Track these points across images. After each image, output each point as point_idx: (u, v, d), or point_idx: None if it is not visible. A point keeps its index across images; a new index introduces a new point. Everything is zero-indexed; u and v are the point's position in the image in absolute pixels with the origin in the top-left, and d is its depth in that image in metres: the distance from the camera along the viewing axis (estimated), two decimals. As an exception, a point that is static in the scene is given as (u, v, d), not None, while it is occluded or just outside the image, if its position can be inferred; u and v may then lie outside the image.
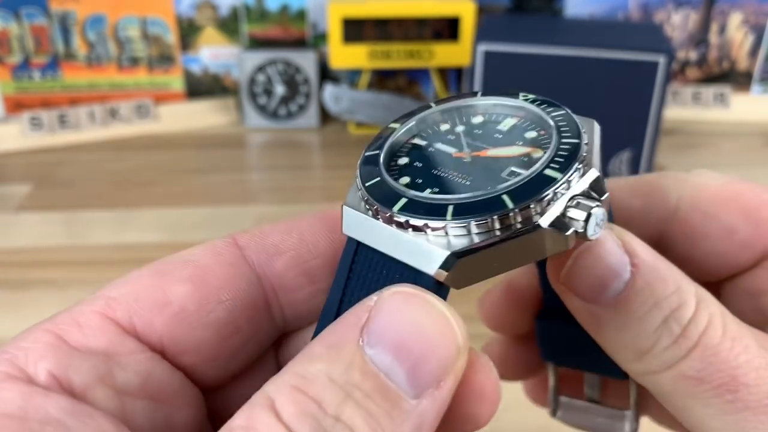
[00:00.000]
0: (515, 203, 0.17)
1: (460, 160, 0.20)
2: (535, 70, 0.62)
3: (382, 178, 0.20)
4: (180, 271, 0.20)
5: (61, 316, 0.19)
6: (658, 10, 0.85)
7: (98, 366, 0.18)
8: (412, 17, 0.78)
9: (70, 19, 0.81)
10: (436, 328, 0.16)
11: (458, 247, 0.17)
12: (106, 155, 0.77)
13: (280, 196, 0.68)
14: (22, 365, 0.17)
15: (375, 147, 0.21)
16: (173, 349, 0.19)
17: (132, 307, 0.19)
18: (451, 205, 0.18)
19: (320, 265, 0.21)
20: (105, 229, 0.61)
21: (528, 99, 0.21)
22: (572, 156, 0.18)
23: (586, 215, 0.18)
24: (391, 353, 0.16)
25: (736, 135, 0.82)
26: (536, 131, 0.20)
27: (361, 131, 0.82)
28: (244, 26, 0.84)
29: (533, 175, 0.18)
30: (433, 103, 0.23)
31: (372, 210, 0.19)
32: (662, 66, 0.59)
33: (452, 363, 0.16)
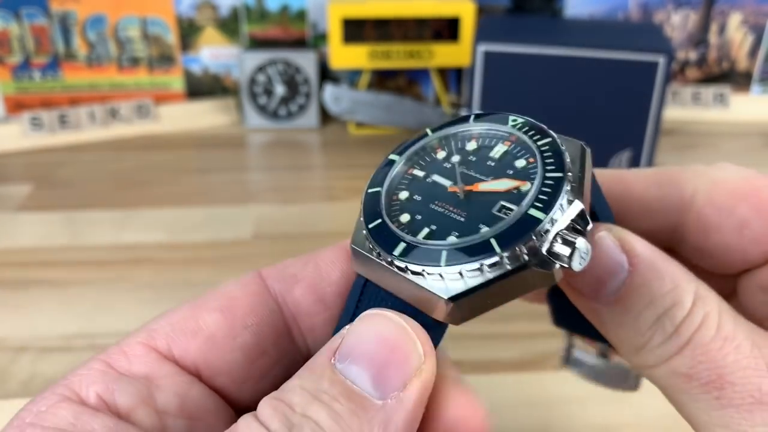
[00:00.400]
0: (502, 248, 0.19)
1: (455, 195, 0.21)
2: (535, 70, 0.62)
3: (383, 221, 0.21)
4: (211, 302, 0.22)
5: (113, 347, 0.21)
6: (658, 10, 0.85)
7: (141, 389, 0.20)
8: (412, 17, 0.78)
9: (71, 19, 0.81)
10: (396, 338, 0.19)
11: (454, 291, 0.19)
12: (107, 155, 0.77)
13: (280, 196, 0.68)
14: (76, 389, 0.20)
15: (376, 183, 0.23)
16: (207, 371, 0.22)
17: (169, 336, 0.22)
18: (444, 250, 0.19)
19: (334, 293, 0.23)
20: (105, 229, 0.61)
21: (516, 125, 0.22)
22: (555, 193, 0.19)
23: (570, 251, 0.19)
24: (357, 363, 0.18)
25: (736, 135, 0.82)
26: (525, 159, 0.22)
27: (361, 131, 0.82)
28: (244, 26, 0.84)
29: (519, 217, 0.19)
30: (429, 130, 0.24)
31: (375, 252, 0.21)
32: (662, 66, 0.59)
33: (415, 367, 0.18)
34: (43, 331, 0.48)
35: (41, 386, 0.43)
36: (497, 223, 0.20)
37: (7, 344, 0.47)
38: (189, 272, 0.55)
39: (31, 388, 0.43)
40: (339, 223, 0.63)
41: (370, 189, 0.23)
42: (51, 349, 0.47)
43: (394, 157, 0.23)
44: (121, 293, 0.52)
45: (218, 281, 0.23)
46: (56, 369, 0.45)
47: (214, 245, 0.59)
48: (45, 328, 0.49)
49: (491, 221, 0.20)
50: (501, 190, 0.21)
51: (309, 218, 0.64)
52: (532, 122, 0.22)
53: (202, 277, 0.54)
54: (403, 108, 0.81)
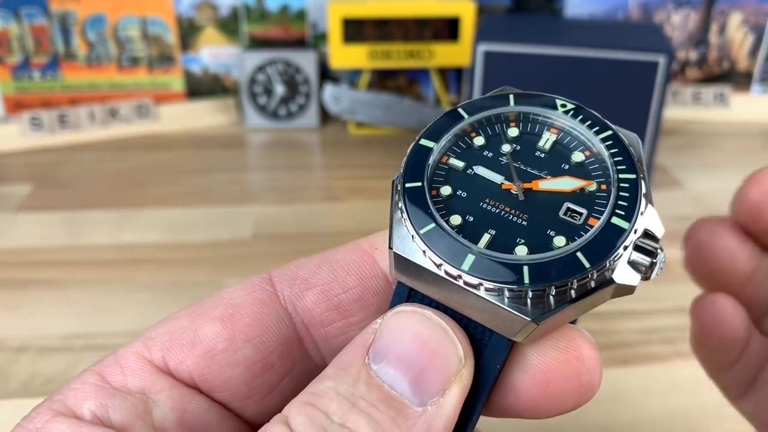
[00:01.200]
0: (592, 264, 0.17)
1: (510, 194, 0.19)
2: (535, 70, 0.62)
3: (438, 226, 0.18)
4: (212, 311, 0.21)
5: (108, 358, 0.20)
6: (658, 10, 0.85)
7: (136, 404, 0.19)
8: (412, 17, 0.78)
9: (70, 19, 0.81)
10: (436, 341, 0.17)
11: (537, 314, 0.17)
12: (106, 155, 0.77)
13: (280, 196, 0.68)
14: (71, 405, 0.19)
15: (414, 175, 0.20)
16: (204, 386, 0.20)
17: (166, 347, 0.20)
18: (526, 266, 0.17)
19: (350, 300, 0.21)
20: (105, 229, 0.61)
21: (567, 110, 0.20)
22: (634, 198, 0.18)
23: (649, 262, 0.18)
24: (395, 366, 0.17)
25: (736, 135, 0.82)
26: (581, 152, 0.20)
27: (361, 131, 0.82)
28: (244, 26, 0.84)
29: (602, 227, 0.18)
30: (461, 109, 0.21)
31: (434, 263, 0.18)
32: (662, 66, 0.59)
33: (454, 372, 0.17)
34: (43, 331, 0.48)
35: (41, 386, 0.43)
36: (573, 232, 0.18)
37: (7, 344, 0.47)
38: (189, 272, 0.55)
39: (31, 388, 0.43)
40: (339, 223, 0.63)
41: (408, 183, 0.19)
42: (51, 349, 0.47)
43: (428, 143, 0.20)
44: (120, 293, 0.52)
45: (218, 281, 0.22)
46: (56, 369, 0.45)
47: (214, 245, 0.59)
48: (45, 328, 0.49)
49: (561, 228, 0.18)
50: (566, 191, 0.19)
51: (309, 218, 0.64)
52: (584, 108, 0.20)
53: (202, 278, 0.54)
54: (403, 108, 0.81)
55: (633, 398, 0.42)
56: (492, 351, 0.18)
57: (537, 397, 0.19)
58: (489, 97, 0.21)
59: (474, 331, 0.19)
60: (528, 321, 0.17)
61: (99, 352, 0.46)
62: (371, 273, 0.21)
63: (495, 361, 0.19)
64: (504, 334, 0.18)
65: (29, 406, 0.20)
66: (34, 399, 0.41)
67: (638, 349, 0.46)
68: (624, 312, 0.50)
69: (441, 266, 0.18)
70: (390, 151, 0.78)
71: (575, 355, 0.19)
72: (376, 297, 0.21)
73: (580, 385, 0.19)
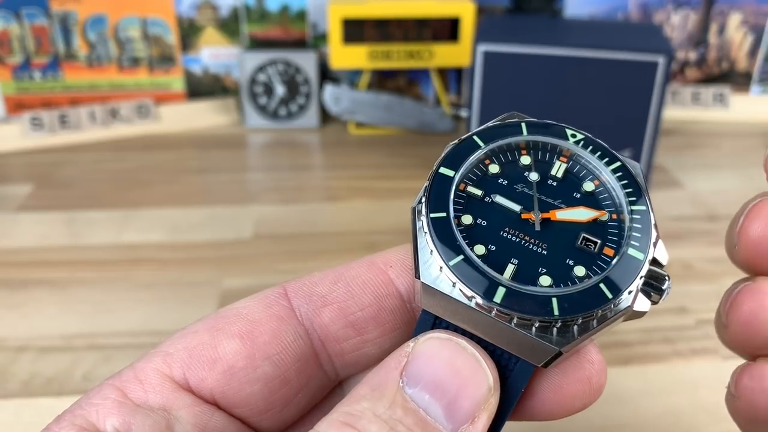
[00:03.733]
0: (613, 294, 0.18)
1: (529, 224, 0.20)
2: (535, 70, 0.62)
3: (467, 257, 0.19)
4: (231, 327, 0.21)
5: (126, 371, 0.20)
6: (658, 10, 0.85)
7: (158, 421, 0.19)
8: (412, 17, 0.78)
9: (71, 20, 0.81)
10: (469, 369, 0.18)
11: (563, 342, 0.18)
12: (107, 155, 0.77)
13: (280, 196, 0.68)
14: (93, 420, 0.19)
15: (438, 205, 0.20)
16: (224, 402, 0.21)
17: (186, 364, 0.20)
18: (554, 298, 0.18)
19: (366, 317, 0.22)
20: (105, 229, 0.61)
21: (578, 140, 0.21)
22: (647, 230, 0.19)
23: (659, 288, 0.19)
24: (429, 392, 0.17)
25: (736, 135, 0.83)
26: (591, 182, 0.21)
27: (361, 131, 0.82)
28: (244, 26, 0.84)
29: (620, 258, 0.19)
30: (476, 136, 0.21)
31: (465, 295, 0.19)
32: (662, 66, 0.59)
33: (485, 401, 0.18)
34: (43, 331, 0.48)
35: (41, 386, 0.43)
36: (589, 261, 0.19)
37: (7, 344, 0.47)
38: (189, 272, 0.55)
39: (31, 388, 0.43)
40: (339, 223, 0.63)
41: (434, 214, 0.20)
42: (51, 349, 0.47)
43: (448, 172, 0.20)
44: (121, 293, 0.52)
45: (218, 281, 0.22)
46: (56, 369, 0.45)
47: (214, 245, 0.59)
48: (45, 328, 0.49)
49: (579, 257, 0.19)
50: (581, 221, 0.20)
51: (309, 218, 0.64)
52: (591, 138, 0.21)
53: (202, 278, 0.54)
54: (403, 108, 0.81)
55: (633, 398, 0.42)
56: (517, 376, 0.19)
57: (551, 400, 0.20)
58: (501, 125, 0.22)
59: (500, 358, 0.19)
60: (556, 350, 0.18)
61: (99, 351, 0.46)
62: (386, 292, 0.21)
63: (520, 385, 0.19)
64: (530, 361, 0.19)
65: (29, 406, 0.20)
66: (34, 399, 0.42)
67: (638, 349, 0.46)
68: (623, 312, 0.50)
69: (472, 299, 0.18)
70: (390, 151, 0.78)
71: (587, 360, 0.20)
72: (391, 315, 0.22)
73: (590, 386, 0.20)
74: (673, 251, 0.59)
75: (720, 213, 0.64)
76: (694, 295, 0.52)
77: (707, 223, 0.63)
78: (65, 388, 0.43)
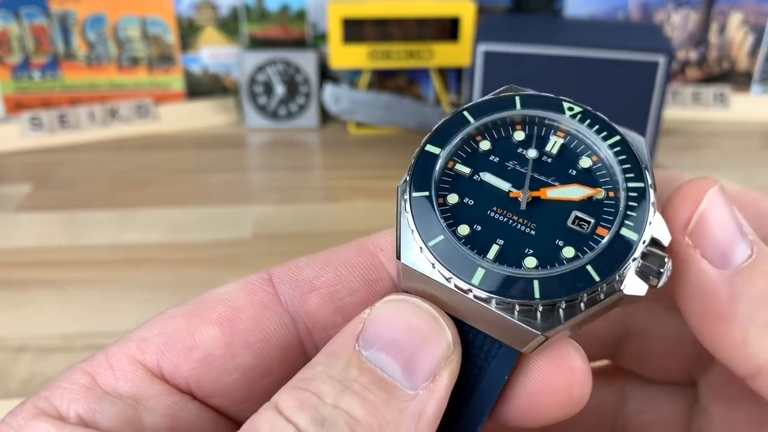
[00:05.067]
0: (601, 276, 0.17)
1: (518, 202, 0.19)
2: (535, 70, 0.62)
3: (446, 237, 0.18)
4: (210, 313, 0.20)
5: (98, 356, 0.19)
6: (658, 10, 0.85)
7: (126, 410, 0.18)
8: (412, 17, 0.77)
9: (70, 19, 0.81)
10: (425, 326, 0.17)
11: (547, 326, 0.17)
12: (106, 155, 0.77)
13: (280, 196, 0.68)
14: (57, 405, 0.18)
15: (421, 184, 0.19)
16: (200, 392, 0.20)
17: (161, 350, 0.19)
18: (536, 280, 0.17)
19: (355, 303, 0.20)
20: (105, 229, 0.61)
21: (575, 114, 0.20)
22: (643, 209, 0.18)
23: (658, 271, 0.17)
24: (386, 351, 0.17)
25: (736, 135, 0.82)
26: (588, 157, 0.19)
27: (361, 131, 0.82)
28: (244, 26, 0.84)
29: (611, 239, 0.18)
30: (466, 111, 0.20)
31: (443, 276, 0.18)
32: (662, 66, 0.59)
33: (444, 357, 0.17)
34: (43, 331, 0.48)
35: (41, 386, 0.43)
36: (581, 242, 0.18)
37: (7, 344, 0.47)
38: (188, 272, 0.55)
39: (30, 388, 0.43)
40: (339, 223, 0.63)
41: (416, 193, 0.19)
42: (51, 349, 0.47)
43: (434, 149, 0.19)
44: (120, 293, 0.52)
45: (218, 281, 0.21)
46: (56, 369, 0.45)
47: (214, 245, 0.59)
48: (45, 328, 0.49)
49: (569, 237, 0.18)
50: (574, 199, 0.19)
51: (309, 218, 0.64)
52: (591, 111, 0.20)
53: (202, 278, 0.54)
54: (403, 108, 0.81)
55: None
56: (500, 362, 0.18)
57: (526, 407, 0.19)
58: (494, 99, 0.21)
59: (483, 342, 0.19)
60: (538, 334, 0.17)
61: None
62: (377, 275, 0.20)
63: (503, 371, 0.18)
64: (513, 346, 0.18)
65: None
66: (33, 399, 0.42)
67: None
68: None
69: (450, 280, 0.18)
70: (390, 151, 0.78)
71: (568, 367, 0.18)
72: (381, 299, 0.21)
73: (569, 397, 0.19)
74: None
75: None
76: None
77: (707, 223, 0.62)
78: (64, 389, 0.43)
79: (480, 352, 0.19)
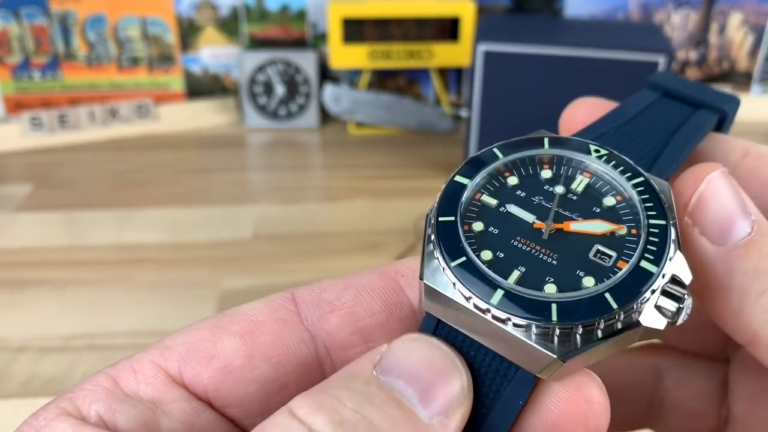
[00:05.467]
0: (619, 305, 0.17)
1: (541, 233, 0.19)
2: (535, 70, 0.62)
3: (469, 259, 0.19)
4: (233, 326, 0.20)
5: (123, 362, 0.20)
6: (658, 10, 0.85)
7: (144, 412, 0.19)
8: (412, 17, 0.77)
9: (70, 19, 0.81)
10: (444, 364, 0.18)
11: (564, 351, 0.17)
12: (106, 155, 0.77)
13: (280, 196, 0.68)
14: (79, 405, 0.19)
15: (448, 210, 0.20)
16: (218, 401, 0.20)
17: (183, 358, 0.20)
18: (554, 303, 0.18)
19: (374, 324, 0.21)
20: (105, 229, 0.61)
21: (601, 155, 0.21)
22: (663, 243, 0.18)
23: (677, 307, 0.18)
24: (404, 379, 0.17)
25: (736, 135, 0.82)
26: (613, 197, 0.20)
27: (361, 131, 0.82)
28: (244, 26, 0.84)
29: (630, 269, 0.18)
30: (496, 149, 0.21)
31: (463, 295, 0.18)
32: (662, 66, 0.59)
33: (459, 398, 0.18)
34: (43, 331, 0.48)
35: (41, 386, 0.43)
36: (601, 273, 0.18)
37: (7, 344, 0.47)
38: (189, 272, 0.55)
39: (30, 388, 0.43)
40: (339, 223, 0.63)
41: (442, 217, 0.20)
42: (51, 349, 0.47)
43: (463, 180, 0.21)
44: (120, 293, 0.52)
45: (218, 281, 0.22)
46: (56, 369, 0.45)
47: (214, 245, 0.59)
48: (45, 328, 0.49)
49: (590, 269, 0.18)
50: (596, 233, 0.19)
51: (309, 218, 0.64)
52: (616, 154, 0.21)
53: (202, 278, 0.54)
54: (403, 108, 0.81)
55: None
56: (516, 387, 0.19)
57: None
58: (524, 139, 0.22)
59: (499, 366, 0.19)
60: (554, 358, 0.17)
61: (99, 351, 0.46)
62: (396, 300, 0.21)
63: (518, 396, 0.19)
64: (529, 370, 0.18)
65: (29, 406, 0.20)
66: (34, 399, 0.41)
67: (638, 349, 0.46)
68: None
69: (470, 299, 0.18)
70: (390, 151, 0.78)
71: (585, 399, 0.19)
72: (400, 324, 0.21)
73: (585, 429, 0.19)
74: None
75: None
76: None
77: (708, 223, 0.63)
78: (65, 389, 0.43)
79: (496, 376, 0.19)
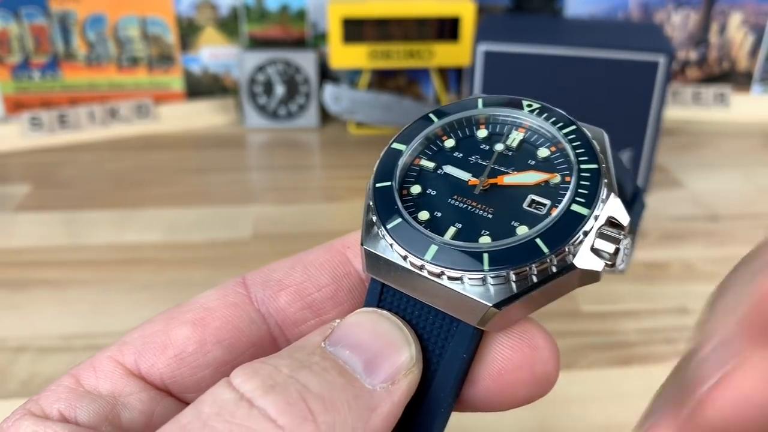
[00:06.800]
0: (550, 248, 0.18)
1: (476, 189, 0.20)
2: (535, 70, 0.62)
3: (404, 220, 0.19)
4: (184, 315, 0.21)
5: (85, 362, 0.21)
6: (658, 10, 0.85)
7: (104, 406, 0.20)
8: (412, 17, 0.77)
9: (70, 19, 0.81)
10: (391, 335, 0.18)
11: (499, 297, 0.18)
12: (106, 155, 0.77)
13: (280, 196, 0.68)
14: (42, 405, 0.19)
15: (384, 176, 0.21)
16: (175, 388, 0.21)
17: (138, 350, 0.21)
18: (486, 253, 0.18)
19: (324, 298, 0.21)
20: (105, 229, 0.61)
21: (533, 110, 0.21)
22: (595, 186, 0.19)
23: (614, 248, 0.18)
24: (350, 348, 0.18)
25: (736, 135, 0.82)
26: (547, 148, 0.20)
27: (361, 131, 0.82)
28: (244, 26, 0.84)
29: (561, 213, 0.18)
30: (432, 114, 0.22)
31: (400, 255, 0.19)
32: (662, 66, 0.59)
33: (406, 366, 0.18)
34: (43, 331, 0.48)
35: (41, 386, 0.43)
36: (535, 221, 0.18)
37: (6, 344, 0.47)
38: (188, 272, 0.55)
39: (30, 388, 0.43)
40: (339, 223, 0.63)
41: (378, 183, 0.20)
42: (50, 349, 0.47)
43: (399, 146, 0.21)
44: (120, 293, 0.52)
45: (217, 281, 0.22)
46: (56, 369, 0.45)
47: (214, 245, 0.59)
48: (44, 328, 0.48)
49: (525, 218, 0.19)
50: (529, 184, 0.19)
51: (308, 218, 0.64)
52: (549, 107, 0.21)
53: (202, 278, 0.54)
54: (403, 108, 0.81)
55: (634, 399, 0.42)
56: (459, 340, 0.19)
57: (491, 388, 0.19)
58: (458, 102, 0.22)
59: (442, 322, 0.19)
60: (489, 306, 0.18)
61: (98, 352, 0.46)
62: (344, 271, 0.22)
63: (462, 350, 0.19)
64: (468, 321, 0.19)
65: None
66: (33, 399, 0.41)
67: (638, 349, 0.46)
68: (624, 312, 0.50)
69: (407, 258, 0.19)
70: (390, 151, 0.77)
71: (528, 344, 0.19)
72: (349, 294, 0.22)
73: (533, 375, 0.19)
74: (674, 251, 0.58)
75: (721, 213, 0.64)
76: (695, 295, 0.52)
77: (708, 223, 0.62)
78: (64, 389, 0.43)
79: (440, 333, 0.19)
